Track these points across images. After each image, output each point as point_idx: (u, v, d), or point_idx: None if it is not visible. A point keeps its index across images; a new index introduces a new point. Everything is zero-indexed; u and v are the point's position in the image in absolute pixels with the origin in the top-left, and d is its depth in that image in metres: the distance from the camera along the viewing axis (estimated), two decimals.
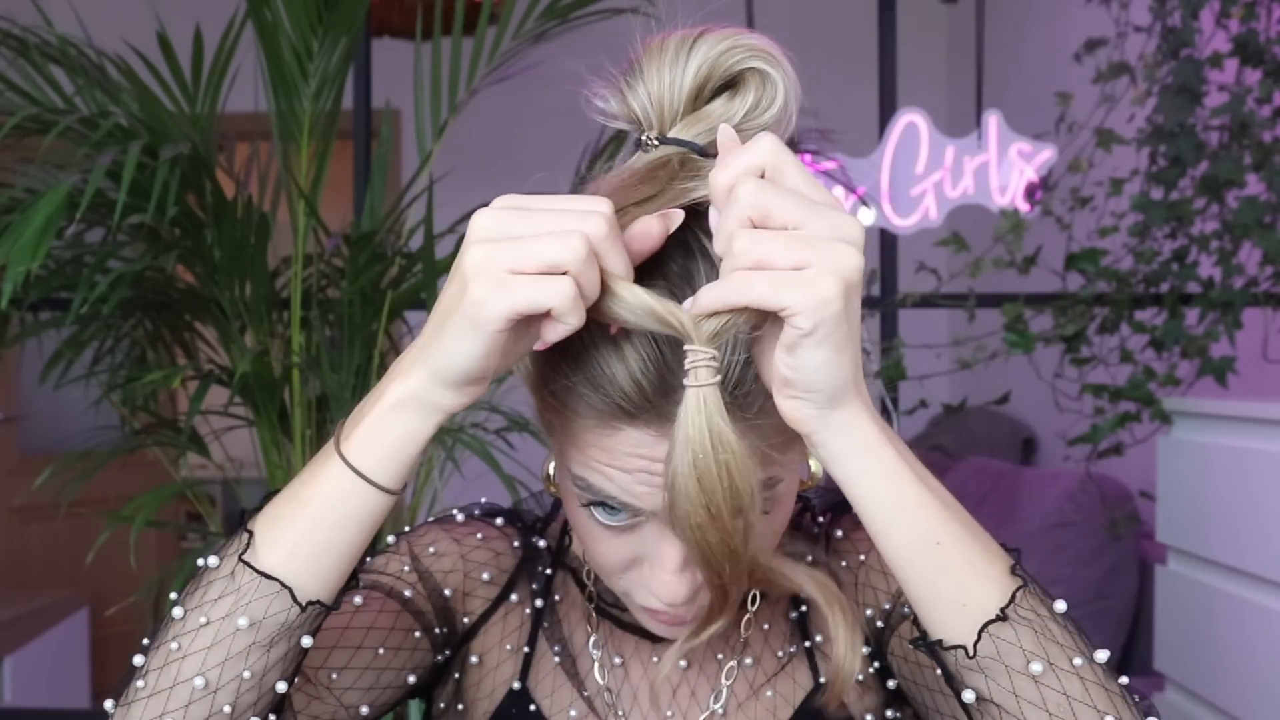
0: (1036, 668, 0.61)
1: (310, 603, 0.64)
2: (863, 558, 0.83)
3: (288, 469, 2.04)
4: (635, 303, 0.60)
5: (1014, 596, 0.62)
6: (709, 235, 0.62)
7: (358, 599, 0.79)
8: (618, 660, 0.83)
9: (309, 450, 2.03)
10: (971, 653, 0.62)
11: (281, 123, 2.07)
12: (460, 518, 0.88)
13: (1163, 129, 2.12)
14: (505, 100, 2.77)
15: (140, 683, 0.66)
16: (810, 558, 0.80)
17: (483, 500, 0.91)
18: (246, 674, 0.64)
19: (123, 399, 2.15)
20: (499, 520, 0.88)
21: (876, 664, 0.82)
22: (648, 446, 0.65)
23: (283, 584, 0.63)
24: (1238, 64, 2.13)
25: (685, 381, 0.59)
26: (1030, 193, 2.24)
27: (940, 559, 0.62)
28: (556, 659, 0.84)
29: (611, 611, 0.84)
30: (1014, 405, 2.45)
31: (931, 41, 4.23)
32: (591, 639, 0.84)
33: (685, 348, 0.59)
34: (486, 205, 0.60)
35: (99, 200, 1.78)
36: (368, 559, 0.84)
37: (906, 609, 0.78)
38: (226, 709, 0.64)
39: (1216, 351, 2.14)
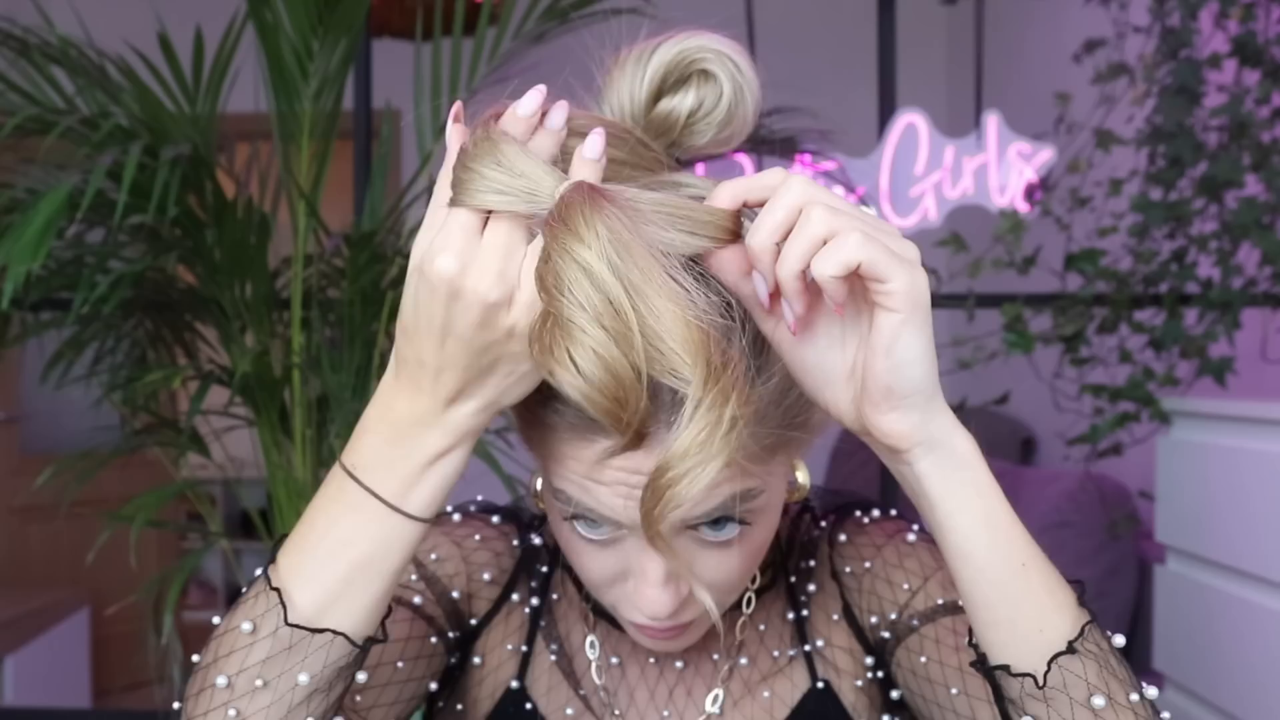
0: (1099, 701, 0.60)
1: (366, 640, 0.64)
2: (868, 565, 0.82)
3: (288, 469, 2.04)
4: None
5: (1083, 630, 0.61)
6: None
7: None
8: (614, 660, 0.84)
9: (309, 450, 2.03)
10: (1041, 683, 0.60)
11: (282, 123, 2.07)
12: (457, 518, 0.88)
13: (1162, 129, 2.13)
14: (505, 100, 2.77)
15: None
16: None
17: (478, 498, 0.91)
18: (310, 719, 0.63)
19: (123, 399, 2.15)
20: (495, 519, 0.88)
21: (879, 673, 0.82)
22: (624, 458, 0.64)
23: (337, 632, 0.62)
24: (1236, 65, 2.13)
25: None
26: (1029, 193, 2.25)
27: (1026, 582, 0.60)
28: (553, 657, 0.84)
29: (608, 611, 0.84)
30: (1013, 405, 2.45)
31: (931, 42, 4.23)
32: (589, 639, 0.84)
33: None
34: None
35: (100, 200, 1.78)
36: None
37: (915, 621, 0.78)
38: None
39: (1215, 351, 2.14)
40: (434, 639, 0.79)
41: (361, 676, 0.74)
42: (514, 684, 0.83)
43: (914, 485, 0.61)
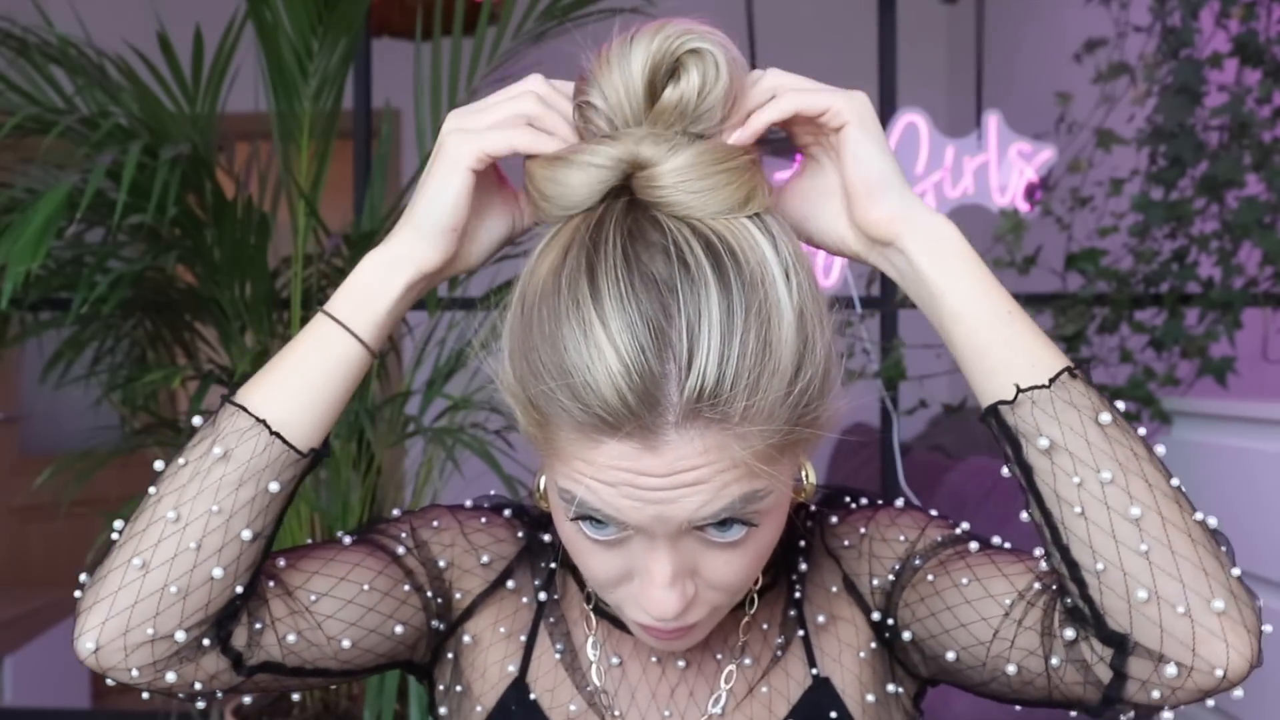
0: (1105, 417, 0.67)
1: (276, 433, 0.70)
2: (863, 530, 0.83)
3: None
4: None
5: (1080, 364, 0.69)
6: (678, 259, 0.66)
7: (347, 539, 0.81)
8: (615, 660, 0.83)
9: None
10: (1047, 384, 0.67)
11: (281, 123, 2.07)
12: (468, 504, 0.89)
13: (1162, 129, 2.13)
14: None
15: (116, 536, 0.71)
16: None
17: (491, 493, 0.92)
18: (215, 508, 0.69)
19: (123, 399, 2.15)
20: (506, 511, 0.89)
21: (886, 631, 0.82)
22: (631, 459, 0.64)
23: (256, 418, 0.70)
24: (1237, 64, 2.13)
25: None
26: (1030, 193, 2.24)
27: (1014, 327, 0.69)
28: (559, 654, 0.84)
29: (610, 611, 0.84)
30: None
31: (931, 41, 4.23)
32: (589, 639, 0.84)
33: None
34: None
35: (99, 200, 1.78)
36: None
37: (918, 560, 0.79)
38: (192, 545, 0.69)
39: (1216, 351, 2.14)
40: (407, 587, 0.81)
41: (324, 584, 0.77)
42: (511, 667, 0.84)
43: (908, 271, 0.71)
